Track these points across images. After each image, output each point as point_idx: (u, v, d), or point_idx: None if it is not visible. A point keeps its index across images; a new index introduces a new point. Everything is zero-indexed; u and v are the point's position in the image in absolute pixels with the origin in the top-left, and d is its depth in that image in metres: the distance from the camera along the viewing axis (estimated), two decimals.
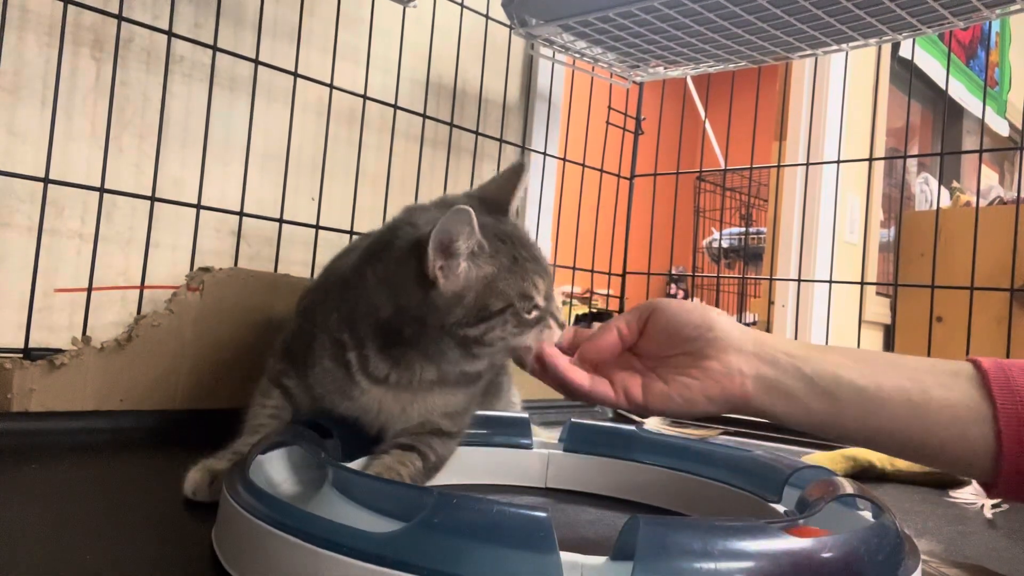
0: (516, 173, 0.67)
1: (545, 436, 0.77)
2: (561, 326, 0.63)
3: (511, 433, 0.75)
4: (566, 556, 0.37)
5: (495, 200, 0.66)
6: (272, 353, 0.73)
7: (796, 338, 2.38)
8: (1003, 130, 3.26)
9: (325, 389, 0.65)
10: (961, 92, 2.94)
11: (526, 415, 0.77)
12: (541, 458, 0.75)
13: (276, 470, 0.57)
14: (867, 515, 0.53)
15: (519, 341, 0.60)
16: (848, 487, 0.53)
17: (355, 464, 0.64)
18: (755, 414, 0.57)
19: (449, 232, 0.55)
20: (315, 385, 0.65)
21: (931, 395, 0.53)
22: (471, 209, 0.55)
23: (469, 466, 0.73)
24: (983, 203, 2.59)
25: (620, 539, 0.39)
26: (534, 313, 0.60)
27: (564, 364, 0.60)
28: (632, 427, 0.76)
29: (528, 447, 0.75)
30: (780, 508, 0.62)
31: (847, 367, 0.56)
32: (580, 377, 0.60)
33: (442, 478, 0.68)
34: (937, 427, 0.53)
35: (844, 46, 1.17)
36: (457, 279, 0.57)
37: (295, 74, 1.05)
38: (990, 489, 0.54)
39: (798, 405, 0.55)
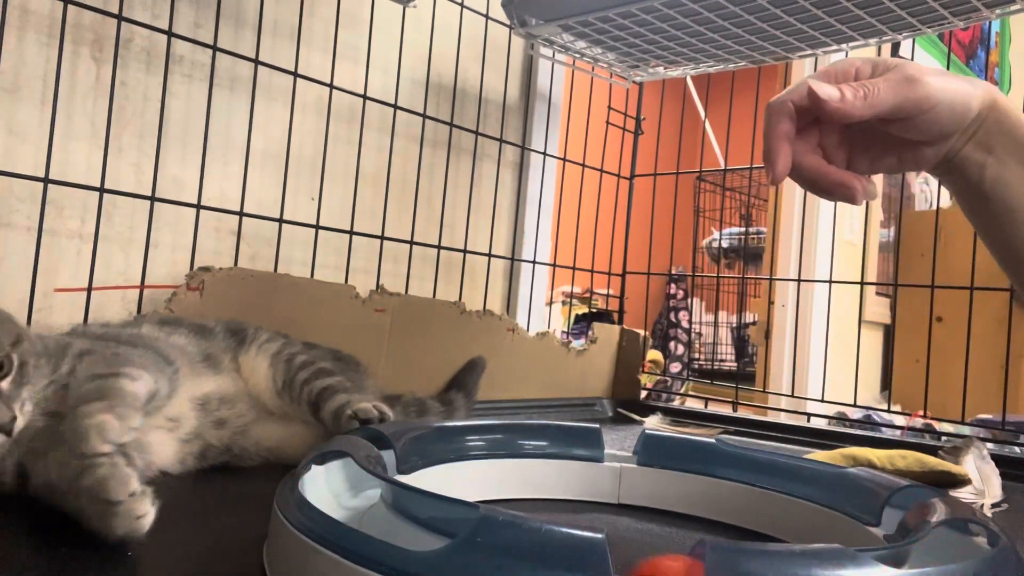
0: None
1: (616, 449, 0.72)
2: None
3: (581, 444, 0.70)
4: None
5: None
6: None
7: (795, 338, 2.38)
8: None
9: None
10: None
11: (597, 425, 0.71)
12: (613, 472, 0.70)
13: (332, 482, 0.55)
14: (982, 541, 0.46)
15: None
16: (958, 508, 0.48)
17: (415, 476, 0.61)
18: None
19: None
20: None
21: None
22: None
23: (536, 480, 0.69)
24: None
25: None
26: None
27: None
28: (713, 439, 0.70)
29: (599, 460, 0.70)
30: (879, 532, 0.56)
31: None
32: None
33: (508, 492, 0.66)
34: None
35: (844, 46, 1.17)
36: None
37: (295, 74, 1.05)
38: None
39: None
